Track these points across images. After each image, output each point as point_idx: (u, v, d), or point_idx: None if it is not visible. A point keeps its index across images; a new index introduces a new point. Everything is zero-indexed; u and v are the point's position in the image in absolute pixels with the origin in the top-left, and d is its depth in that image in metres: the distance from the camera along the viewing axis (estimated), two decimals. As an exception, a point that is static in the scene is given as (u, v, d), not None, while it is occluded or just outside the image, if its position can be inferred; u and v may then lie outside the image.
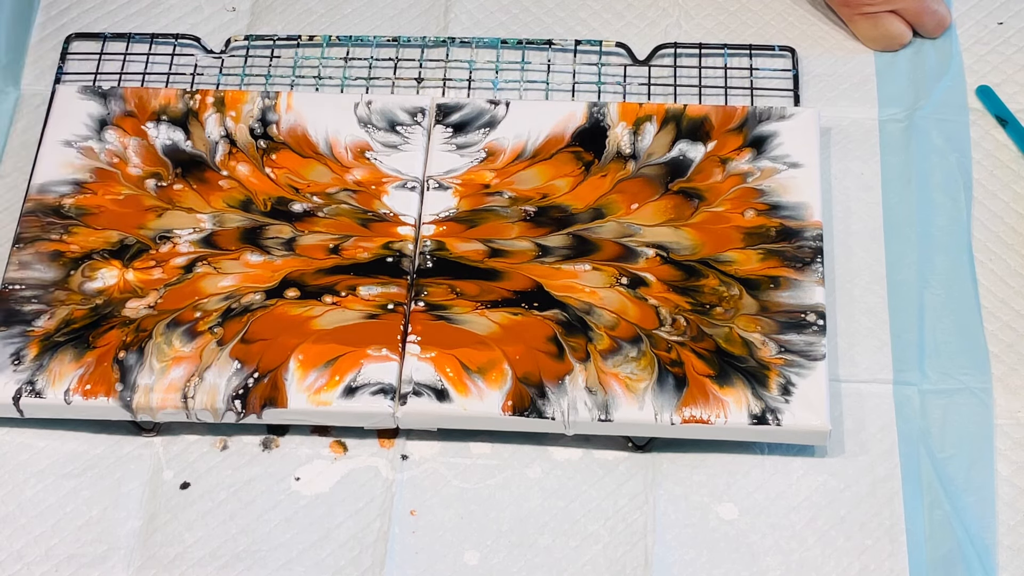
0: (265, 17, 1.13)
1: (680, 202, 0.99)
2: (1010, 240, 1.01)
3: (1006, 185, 1.03)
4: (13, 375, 0.93)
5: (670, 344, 0.93)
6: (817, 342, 0.93)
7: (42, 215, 1.00)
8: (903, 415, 0.94)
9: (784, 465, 0.93)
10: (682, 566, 0.89)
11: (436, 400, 0.92)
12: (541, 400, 0.92)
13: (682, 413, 0.91)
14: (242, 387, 0.92)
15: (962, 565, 0.89)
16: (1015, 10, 1.11)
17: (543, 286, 0.96)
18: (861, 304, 0.98)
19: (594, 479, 0.93)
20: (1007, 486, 0.92)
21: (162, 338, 0.94)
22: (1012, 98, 1.07)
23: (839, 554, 0.90)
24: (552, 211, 0.99)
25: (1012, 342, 0.97)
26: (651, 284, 0.96)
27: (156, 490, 0.93)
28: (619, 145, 1.02)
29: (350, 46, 1.11)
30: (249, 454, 0.94)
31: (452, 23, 1.12)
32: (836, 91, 1.08)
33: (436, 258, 0.97)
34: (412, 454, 0.94)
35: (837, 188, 1.03)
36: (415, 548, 0.90)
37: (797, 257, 0.96)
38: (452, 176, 1.01)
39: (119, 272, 0.97)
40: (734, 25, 1.11)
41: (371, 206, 1.00)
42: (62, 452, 0.94)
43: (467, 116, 1.03)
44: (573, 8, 1.13)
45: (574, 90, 1.08)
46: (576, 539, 0.91)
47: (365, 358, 0.93)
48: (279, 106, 1.04)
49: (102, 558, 0.91)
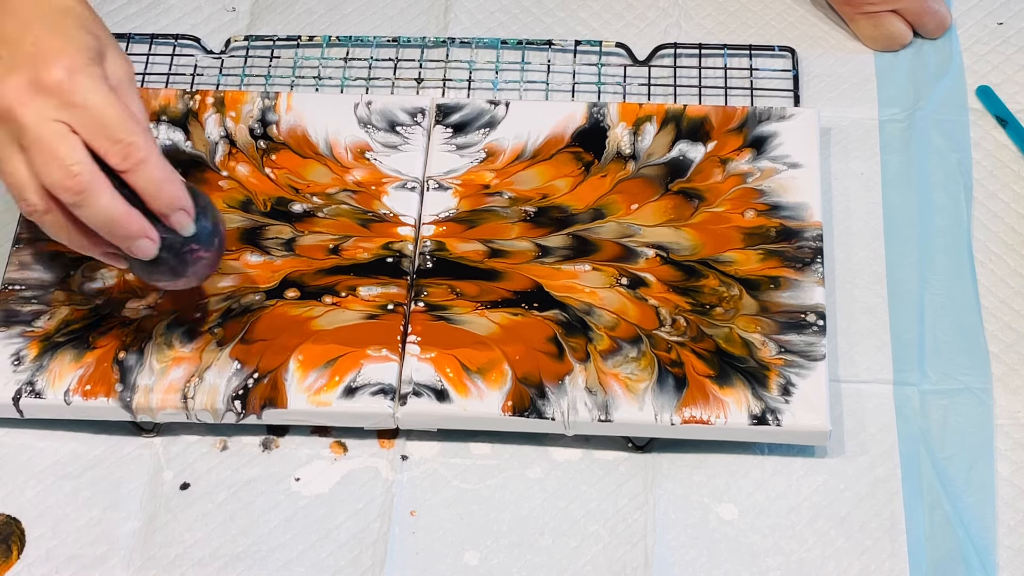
0: (265, 17, 1.13)
1: (680, 202, 0.99)
2: (1010, 240, 1.01)
3: (1006, 185, 1.03)
4: (13, 375, 0.93)
5: (670, 344, 0.93)
6: (817, 342, 0.93)
7: (42, 215, 1.00)
8: (903, 415, 0.94)
9: (784, 465, 0.93)
10: (682, 566, 0.89)
11: (436, 400, 0.92)
12: (541, 400, 0.92)
13: (682, 413, 0.91)
14: (242, 387, 0.92)
15: (962, 565, 0.89)
16: (1015, 10, 1.11)
17: (543, 286, 0.96)
18: (861, 304, 0.98)
19: (594, 479, 0.93)
20: (1007, 486, 0.92)
21: (162, 339, 0.94)
22: (1012, 98, 1.07)
23: (839, 554, 0.90)
24: (552, 211, 0.99)
25: (1012, 342, 0.97)
26: (651, 284, 0.96)
27: (156, 491, 0.93)
28: (619, 145, 1.02)
29: (350, 46, 1.11)
30: (249, 454, 0.94)
31: (452, 23, 1.12)
32: (836, 91, 1.08)
33: (436, 258, 0.97)
34: (412, 454, 0.94)
35: (837, 188, 1.03)
36: (415, 548, 0.90)
37: (797, 257, 0.96)
38: (452, 176, 1.01)
39: (119, 272, 0.97)
40: (734, 25, 1.11)
41: (371, 206, 1.00)
42: (62, 453, 0.94)
43: (467, 116, 1.03)
44: (573, 8, 1.13)
45: (574, 90, 1.08)
46: (576, 539, 0.91)
47: (365, 358, 0.93)
48: (279, 106, 1.04)
49: (102, 559, 0.90)
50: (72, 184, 0.82)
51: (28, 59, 0.83)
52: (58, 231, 0.85)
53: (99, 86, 0.83)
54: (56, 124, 0.82)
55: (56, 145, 0.82)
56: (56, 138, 0.82)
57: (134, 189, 0.84)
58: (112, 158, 0.83)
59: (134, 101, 0.85)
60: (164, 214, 0.85)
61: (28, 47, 0.83)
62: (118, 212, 0.83)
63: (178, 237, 0.86)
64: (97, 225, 0.84)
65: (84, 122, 0.82)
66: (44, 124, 0.82)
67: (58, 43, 0.83)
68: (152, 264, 0.87)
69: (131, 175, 0.83)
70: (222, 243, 0.89)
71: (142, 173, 0.83)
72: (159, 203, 0.85)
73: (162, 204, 0.85)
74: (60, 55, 0.82)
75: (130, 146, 0.83)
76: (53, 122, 0.82)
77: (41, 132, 0.82)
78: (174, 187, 0.85)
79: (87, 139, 0.82)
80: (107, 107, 0.82)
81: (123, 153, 0.82)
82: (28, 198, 0.83)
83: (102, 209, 0.83)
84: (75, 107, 0.82)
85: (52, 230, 0.85)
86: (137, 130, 0.83)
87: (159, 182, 0.84)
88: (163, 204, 0.85)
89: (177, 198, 0.85)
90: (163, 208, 0.85)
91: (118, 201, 0.83)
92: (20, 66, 0.83)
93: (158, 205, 0.85)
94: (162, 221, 0.86)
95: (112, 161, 0.83)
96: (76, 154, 0.82)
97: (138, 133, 0.83)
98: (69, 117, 0.82)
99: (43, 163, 0.82)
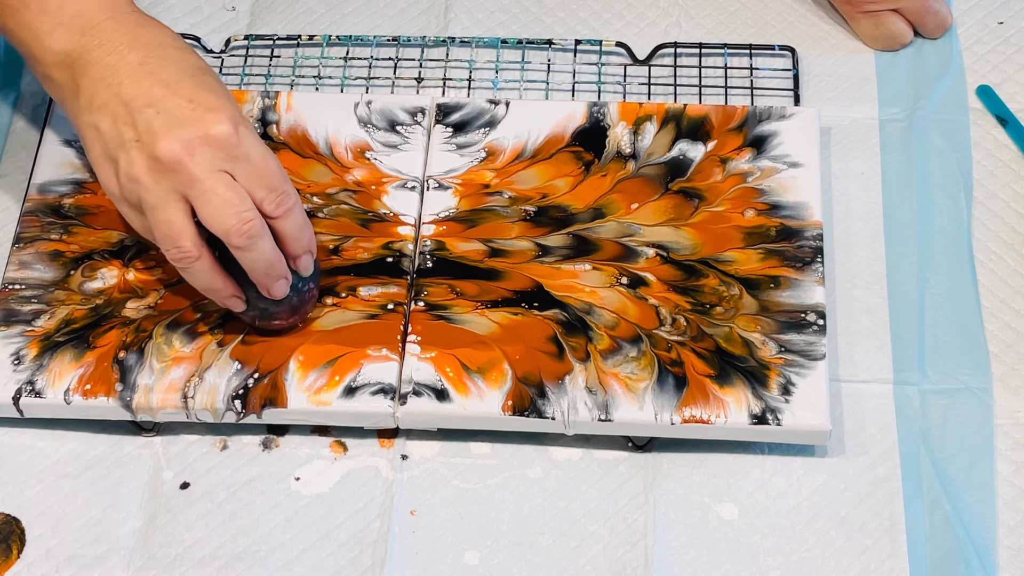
0: (265, 17, 1.13)
1: (680, 202, 0.99)
2: (1010, 240, 1.01)
3: (1006, 185, 1.03)
4: (13, 375, 0.93)
5: (670, 344, 0.93)
6: (817, 342, 0.93)
7: (42, 215, 1.00)
8: (903, 415, 0.94)
9: (784, 465, 0.93)
10: (682, 566, 0.89)
11: (436, 400, 0.92)
12: (541, 400, 0.92)
13: (682, 413, 0.91)
14: (242, 387, 0.92)
15: (962, 565, 0.89)
16: (1015, 10, 1.11)
17: (543, 286, 0.96)
18: (861, 304, 0.98)
19: (594, 479, 0.93)
20: (1007, 486, 0.92)
21: (162, 338, 0.94)
22: (1012, 98, 1.07)
23: (839, 554, 0.90)
24: (552, 211, 0.99)
25: (1012, 342, 0.97)
26: (651, 284, 0.96)
27: (156, 490, 0.93)
28: (619, 145, 1.02)
29: (350, 46, 1.11)
30: (249, 454, 0.94)
31: (452, 23, 1.12)
32: (836, 91, 1.08)
33: (436, 258, 0.97)
34: (412, 454, 0.94)
35: (837, 188, 1.03)
36: (415, 548, 0.90)
37: (797, 257, 0.96)
38: (452, 176, 1.01)
39: (119, 272, 0.97)
40: (734, 25, 1.11)
41: (371, 206, 1.00)
42: (62, 452, 0.94)
43: (467, 116, 1.03)
44: (573, 8, 1.13)
45: (574, 90, 1.08)
46: (576, 539, 0.91)
47: (365, 358, 0.93)
48: (279, 106, 1.04)
49: (102, 559, 0.90)
50: (247, 229, 0.87)
51: (191, 114, 0.88)
52: (202, 276, 0.90)
53: (258, 139, 0.90)
54: (223, 175, 0.87)
55: (229, 194, 0.87)
56: (227, 187, 0.87)
57: (279, 234, 0.90)
58: (267, 206, 0.89)
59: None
60: (297, 255, 0.91)
61: (184, 103, 0.88)
62: (277, 256, 0.90)
63: (300, 277, 0.92)
64: (257, 266, 0.89)
65: (247, 172, 0.88)
66: (214, 175, 0.87)
67: (214, 99, 0.89)
68: (277, 304, 0.92)
69: (280, 221, 0.89)
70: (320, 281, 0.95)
71: (290, 219, 0.90)
72: (298, 246, 0.91)
73: (299, 247, 0.91)
74: (222, 110, 0.88)
75: (283, 195, 0.89)
76: (221, 172, 0.87)
77: (213, 182, 0.87)
78: (310, 231, 0.92)
79: (247, 188, 0.88)
80: (266, 158, 0.89)
81: (277, 201, 0.89)
82: (182, 245, 0.88)
83: (265, 252, 0.89)
84: (239, 159, 0.88)
85: (197, 275, 0.90)
86: (288, 180, 0.90)
87: (301, 227, 0.91)
88: (300, 247, 0.91)
89: (311, 241, 0.92)
90: (299, 251, 0.91)
91: (274, 246, 0.89)
92: (186, 121, 0.87)
93: (296, 248, 0.91)
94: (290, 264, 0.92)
95: (267, 208, 0.89)
96: (247, 202, 0.87)
97: (289, 183, 0.90)
98: (233, 168, 0.88)
99: (216, 210, 0.87)
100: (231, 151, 0.88)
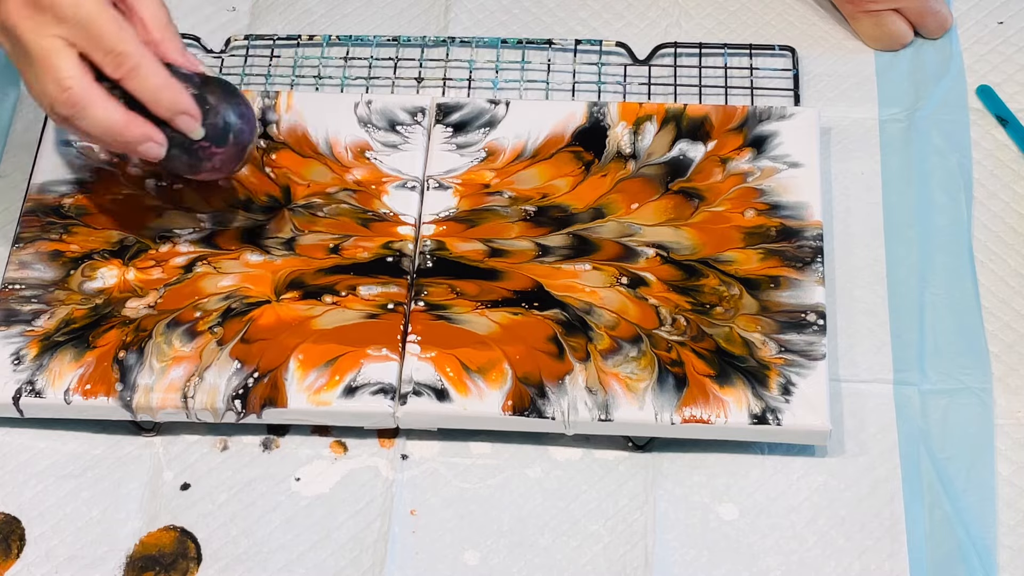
0: (265, 17, 1.13)
1: (680, 202, 0.99)
2: (1010, 240, 1.01)
3: (1006, 185, 1.03)
4: (13, 375, 0.93)
5: (670, 344, 0.93)
6: (817, 342, 0.93)
7: (42, 215, 1.00)
8: (903, 415, 0.94)
9: (784, 465, 0.93)
10: (682, 566, 0.89)
11: (436, 400, 0.92)
12: (541, 400, 0.92)
13: (682, 413, 0.91)
14: (242, 387, 0.92)
15: (962, 565, 0.89)
16: (1015, 10, 1.11)
17: (543, 286, 0.96)
18: (861, 304, 0.98)
19: (594, 479, 0.93)
20: (1007, 486, 0.92)
21: (162, 338, 0.94)
22: (1012, 98, 1.07)
23: (839, 554, 0.90)
24: (552, 211, 0.99)
25: (1012, 342, 0.97)
26: (651, 284, 0.96)
27: (156, 491, 0.93)
28: (619, 145, 1.02)
29: (350, 46, 1.11)
30: (249, 455, 0.94)
31: (452, 23, 1.12)
32: (836, 91, 1.08)
33: (436, 258, 0.97)
34: (412, 454, 0.94)
35: (837, 188, 1.03)
36: (415, 548, 0.90)
37: (797, 257, 0.96)
38: (452, 176, 1.01)
39: (119, 272, 0.97)
40: (734, 25, 1.11)
41: (371, 206, 1.00)
42: (62, 452, 0.94)
43: (467, 116, 1.03)
44: (573, 8, 1.13)
45: (574, 90, 1.08)
46: (576, 539, 0.91)
47: (365, 358, 0.93)
48: (279, 106, 1.04)
49: (102, 559, 0.90)
50: (65, 97, 0.85)
51: None
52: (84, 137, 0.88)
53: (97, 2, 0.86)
54: (52, 39, 0.85)
55: (51, 60, 0.85)
56: (50, 53, 0.85)
57: (134, 96, 0.87)
58: (107, 68, 0.86)
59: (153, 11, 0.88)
60: (168, 118, 0.89)
61: None
62: (114, 121, 0.87)
63: (187, 138, 0.90)
64: (98, 135, 0.87)
65: (78, 35, 0.85)
66: (41, 40, 0.85)
67: None
68: (168, 162, 0.91)
69: (127, 83, 0.87)
70: (240, 136, 0.92)
71: (137, 81, 0.87)
72: (160, 108, 0.88)
73: (163, 109, 0.88)
74: None
75: (120, 55, 0.86)
76: (49, 37, 0.85)
77: (37, 47, 0.85)
78: (171, 92, 0.88)
79: (84, 51, 0.85)
80: (96, 18, 0.85)
81: (116, 62, 0.86)
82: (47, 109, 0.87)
83: (99, 120, 0.86)
84: (66, 20, 0.85)
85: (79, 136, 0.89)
86: (127, 39, 0.86)
87: (156, 88, 0.87)
88: (164, 109, 0.88)
89: (176, 102, 0.88)
90: (165, 113, 0.88)
91: (113, 110, 0.86)
92: None
93: (159, 110, 0.88)
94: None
95: (107, 71, 0.86)
96: (68, 68, 0.85)
97: (128, 42, 0.86)
98: (64, 32, 0.85)
99: (40, 78, 0.85)
100: (56, 12, 0.85)
